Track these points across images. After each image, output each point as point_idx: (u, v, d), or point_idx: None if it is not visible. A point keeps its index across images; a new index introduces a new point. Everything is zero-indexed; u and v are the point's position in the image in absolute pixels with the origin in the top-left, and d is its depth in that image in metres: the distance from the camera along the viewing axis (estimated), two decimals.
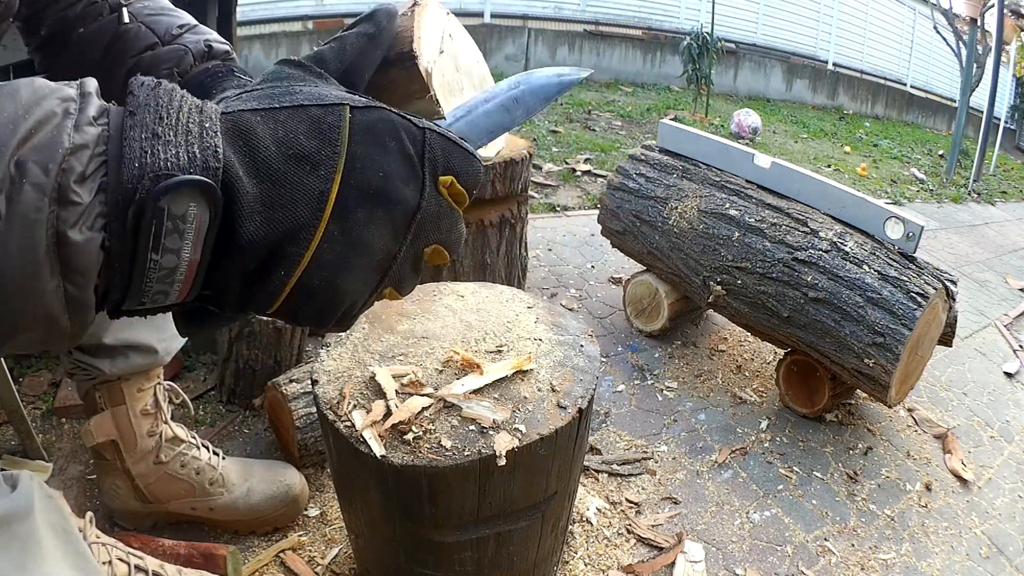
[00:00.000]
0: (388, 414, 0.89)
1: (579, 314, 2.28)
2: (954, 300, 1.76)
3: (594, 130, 5.02)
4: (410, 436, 0.86)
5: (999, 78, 6.66)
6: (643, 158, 2.15)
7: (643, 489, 1.55)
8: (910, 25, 9.42)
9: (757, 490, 1.60)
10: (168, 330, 1.14)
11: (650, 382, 1.97)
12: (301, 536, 1.28)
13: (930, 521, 1.59)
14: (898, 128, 8.52)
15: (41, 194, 0.29)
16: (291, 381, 1.40)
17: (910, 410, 2.02)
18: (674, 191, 2.01)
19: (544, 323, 1.11)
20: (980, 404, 2.16)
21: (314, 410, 1.32)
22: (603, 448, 1.66)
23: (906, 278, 1.62)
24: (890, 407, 1.80)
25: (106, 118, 0.32)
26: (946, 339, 1.86)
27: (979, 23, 6.54)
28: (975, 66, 6.51)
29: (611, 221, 2.18)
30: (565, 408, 0.93)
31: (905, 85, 9.54)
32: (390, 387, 0.92)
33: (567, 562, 1.31)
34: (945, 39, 7.65)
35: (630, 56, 7.73)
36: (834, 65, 8.96)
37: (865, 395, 1.93)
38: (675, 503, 1.52)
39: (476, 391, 0.94)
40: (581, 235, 2.94)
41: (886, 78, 9.35)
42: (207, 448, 1.26)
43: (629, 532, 1.41)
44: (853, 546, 1.48)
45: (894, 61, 9.46)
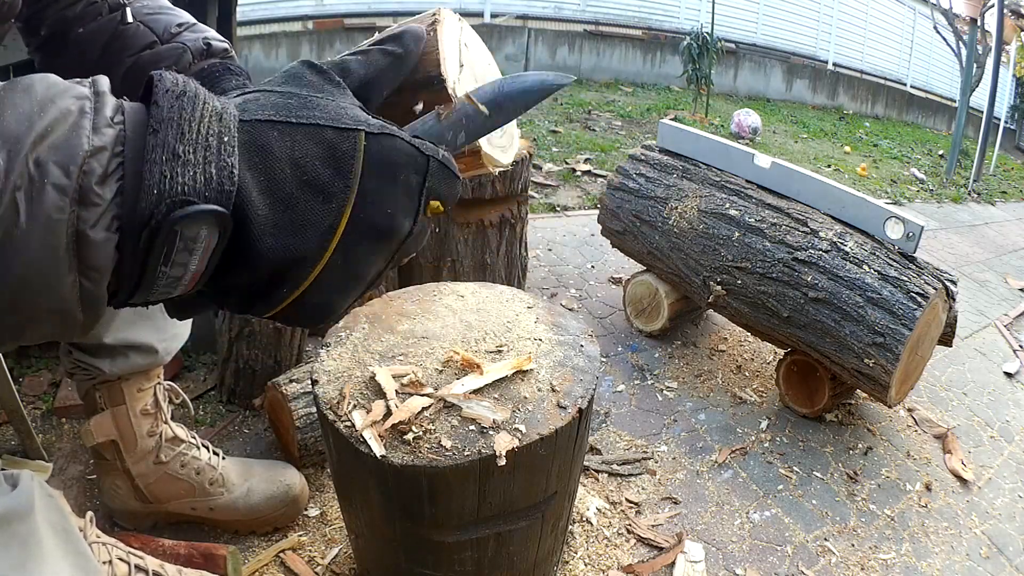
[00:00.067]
0: (388, 414, 0.89)
1: (579, 314, 2.28)
2: (954, 300, 1.76)
3: (594, 130, 5.02)
4: (410, 436, 0.86)
5: (999, 78, 6.66)
6: (643, 158, 2.15)
7: (643, 489, 1.55)
8: (910, 25, 9.42)
9: (757, 490, 1.60)
10: (168, 330, 1.14)
11: (650, 382, 1.97)
12: (301, 536, 1.28)
13: (930, 521, 1.59)
14: (898, 128, 8.52)
15: (63, 195, 0.30)
16: (291, 381, 1.40)
17: (910, 410, 2.02)
18: (674, 191, 2.01)
19: (544, 323, 1.11)
20: (980, 404, 2.16)
21: (314, 410, 1.32)
22: (603, 448, 1.66)
23: (906, 278, 1.62)
24: (890, 407, 1.80)
25: (122, 116, 0.33)
26: (946, 339, 1.86)
27: (979, 23, 6.54)
28: (975, 66, 6.51)
29: (611, 221, 2.18)
30: (565, 408, 0.93)
31: (905, 85, 9.54)
32: (390, 387, 0.92)
33: (567, 562, 1.31)
34: (945, 39, 7.65)
35: (630, 56, 7.73)
36: (834, 65, 8.96)
37: (865, 395, 1.93)
38: (675, 503, 1.52)
39: (476, 391, 0.94)
40: (581, 235, 2.94)
41: (886, 78, 9.35)
42: (207, 448, 1.26)
43: (629, 532, 1.41)
44: (853, 546, 1.48)
45: (894, 61, 9.46)
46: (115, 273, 0.34)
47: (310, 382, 1.00)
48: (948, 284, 1.70)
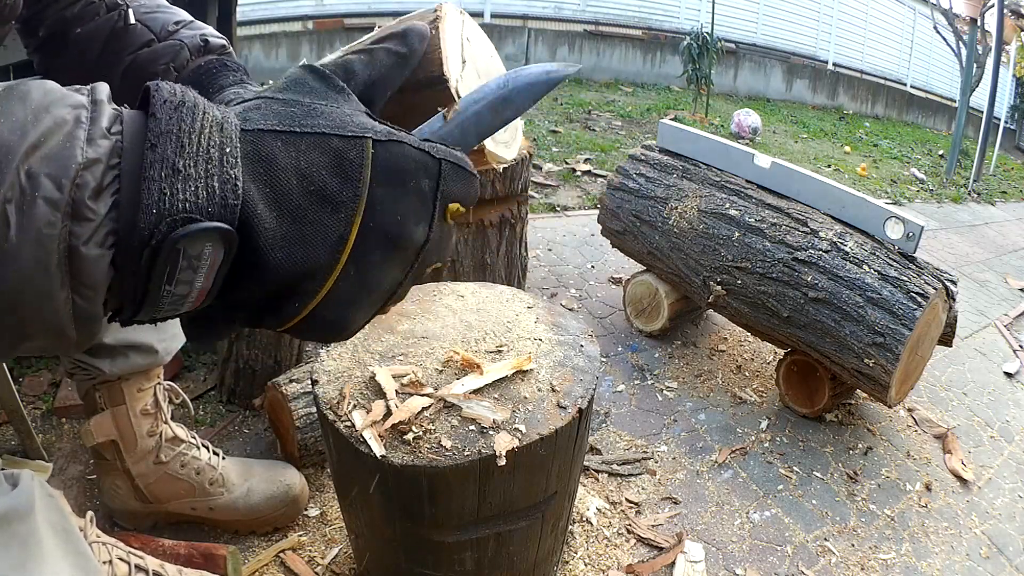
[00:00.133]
0: (388, 414, 0.89)
1: (579, 314, 2.28)
2: (954, 300, 1.76)
3: (594, 130, 5.02)
4: (410, 436, 0.87)
5: (999, 78, 6.66)
6: (643, 158, 2.15)
7: (643, 489, 1.55)
8: (910, 25, 9.42)
9: (757, 490, 1.60)
10: (168, 330, 1.14)
11: (650, 382, 1.97)
12: (301, 536, 1.28)
13: (930, 521, 1.59)
14: (898, 128, 8.52)
15: (55, 209, 0.29)
16: (291, 381, 1.40)
17: (910, 410, 2.02)
18: (674, 191, 2.01)
19: (544, 323, 1.11)
20: (980, 404, 2.16)
21: (314, 410, 1.32)
22: (603, 448, 1.66)
23: (906, 278, 1.62)
24: (890, 407, 1.80)
25: (119, 126, 0.32)
26: (946, 339, 1.86)
27: (979, 23, 6.54)
28: (975, 66, 6.52)
29: (611, 221, 2.18)
30: (565, 408, 0.93)
31: (905, 85, 9.54)
32: (390, 387, 0.92)
33: (567, 562, 1.31)
34: (945, 39, 7.65)
35: (630, 56, 7.73)
36: (834, 65, 8.96)
37: (865, 395, 1.93)
38: (675, 503, 1.52)
39: (476, 391, 0.94)
40: (581, 235, 2.94)
41: (886, 78, 9.35)
42: (207, 448, 1.26)
43: (629, 532, 1.41)
44: (853, 546, 1.48)
45: (894, 61, 9.46)
46: (118, 291, 0.33)
47: (310, 382, 1.00)
48: (948, 284, 1.70)
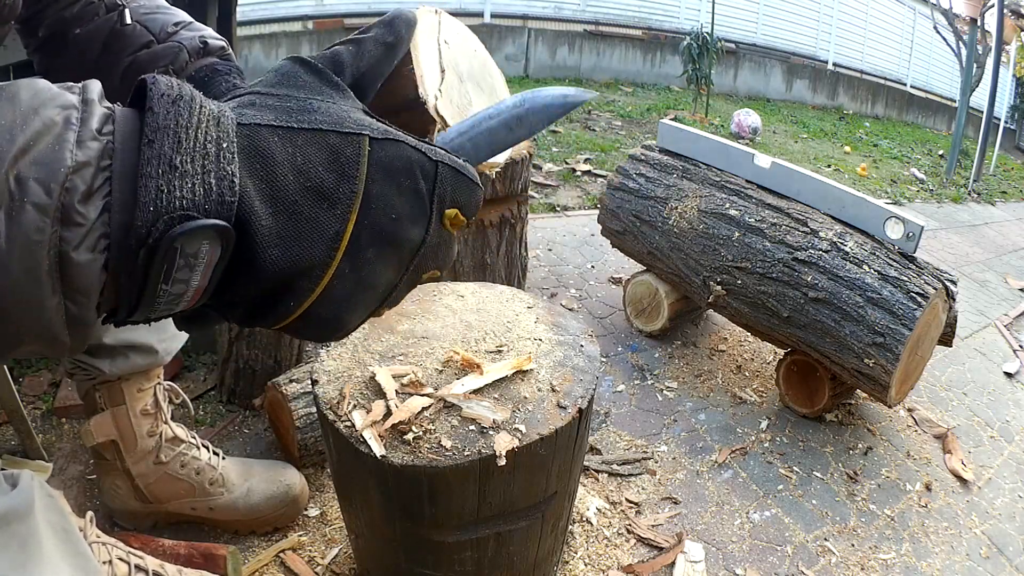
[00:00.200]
0: (388, 414, 0.89)
1: (579, 314, 2.28)
2: (954, 300, 1.76)
3: (594, 130, 5.02)
4: (410, 436, 0.86)
5: (999, 78, 6.66)
6: (643, 158, 2.15)
7: (643, 489, 1.55)
8: (910, 25, 9.42)
9: (757, 490, 1.60)
10: (168, 330, 1.14)
11: (650, 382, 1.97)
12: (301, 536, 1.28)
13: (930, 521, 1.59)
14: (898, 128, 8.52)
15: (44, 215, 0.28)
16: (291, 381, 1.40)
17: (910, 410, 2.02)
18: (674, 191, 2.01)
19: (544, 323, 1.11)
20: (980, 404, 2.16)
21: (314, 410, 1.32)
22: (603, 448, 1.66)
23: (906, 278, 1.62)
24: (890, 407, 1.80)
25: (111, 126, 0.31)
26: (946, 339, 1.86)
27: (979, 23, 6.54)
28: (975, 66, 6.51)
29: (611, 221, 2.18)
30: (565, 408, 0.93)
31: (905, 85, 9.54)
32: (390, 387, 0.92)
33: (567, 562, 1.31)
34: (945, 39, 7.65)
35: (630, 56, 7.73)
36: (834, 65, 8.97)
37: (865, 395, 1.93)
38: (675, 503, 1.52)
39: (476, 391, 0.94)
40: (581, 235, 2.94)
41: (886, 78, 9.35)
42: (207, 448, 1.26)
43: (629, 532, 1.41)
44: (853, 546, 1.48)
45: (894, 61, 9.46)
46: (113, 292, 0.32)
47: (310, 382, 1.00)
48: (948, 284, 1.70)
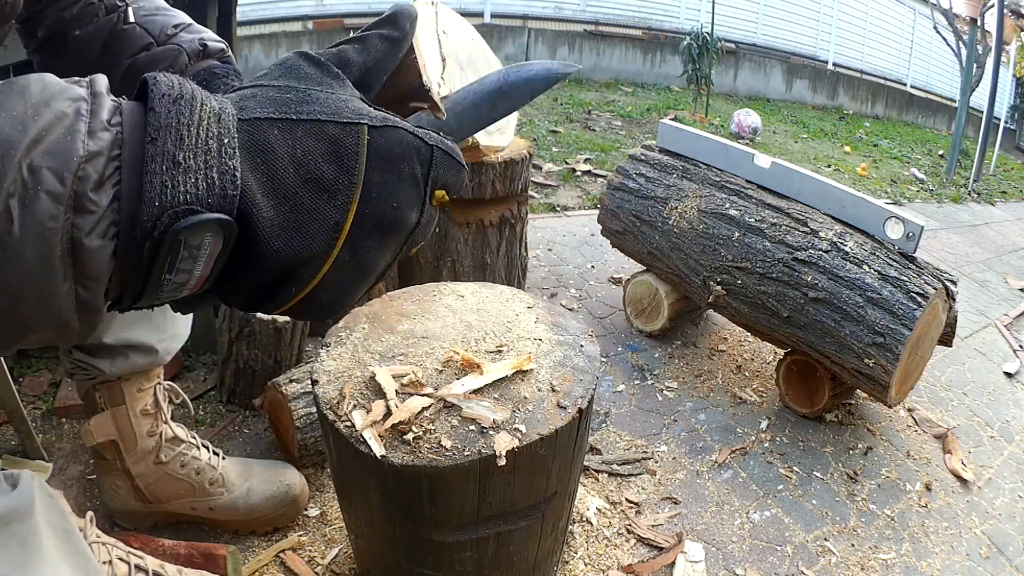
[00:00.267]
0: (388, 414, 0.89)
1: (579, 314, 2.28)
2: (954, 300, 1.76)
3: (594, 130, 5.02)
4: (410, 436, 0.86)
5: (999, 78, 6.66)
6: (643, 158, 2.15)
7: (643, 489, 1.55)
8: (910, 25, 9.42)
9: (757, 490, 1.60)
10: (168, 330, 1.14)
11: (650, 382, 1.97)
12: (301, 536, 1.28)
13: (930, 521, 1.59)
14: (898, 128, 8.52)
15: (57, 202, 0.29)
16: (291, 381, 1.40)
17: (910, 410, 2.02)
18: (674, 191, 2.01)
19: (544, 323, 1.11)
20: (980, 404, 2.16)
21: (314, 410, 1.32)
22: (603, 448, 1.66)
23: (906, 278, 1.62)
24: (890, 407, 1.80)
25: (119, 117, 0.32)
26: (946, 339, 1.85)
27: (979, 23, 6.54)
28: (975, 66, 6.51)
29: (611, 221, 2.18)
30: (565, 408, 0.93)
31: (905, 85, 9.54)
32: (390, 387, 0.92)
33: (567, 562, 1.31)
34: (945, 39, 7.65)
35: (630, 56, 7.73)
36: (834, 65, 8.96)
37: (865, 395, 1.93)
38: (675, 503, 1.52)
39: (476, 391, 0.94)
40: (581, 235, 2.94)
41: (886, 78, 9.35)
42: (207, 448, 1.26)
43: (629, 532, 1.41)
44: (853, 546, 1.48)
45: (894, 61, 9.46)
46: (118, 280, 0.33)
47: (310, 382, 1.00)
48: (948, 284, 1.70)
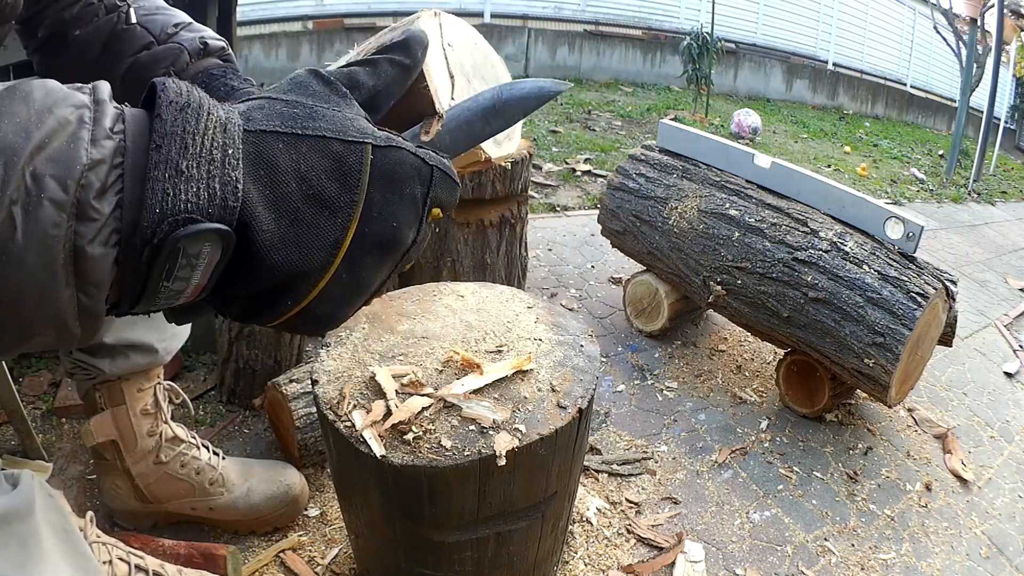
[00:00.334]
0: (388, 414, 0.89)
1: (579, 314, 2.28)
2: (954, 300, 1.76)
3: (594, 130, 5.02)
4: (410, 436, 0.86)
5: (999, 78, 6.66)
6: (643, 158, 2.15)
7: (643, 489, 1.55)
8: (910, 25, 9.42)
9: (757, 490, 1.60)
10: (168, 330, 1.14)
11: (650, 382, 1.97)
12: (301, 536, 1.28)
13: (930, 521, 1.59)
14: (898, 128, 8.52)
15: (60, 210, 0.29)
16: (291, 381, 1.40)
17: (910, 410, 2.02)
18: (674, 191, 2.01)
19: (544, 323, 1.11)
20: (980, 404, 2.16)
21: (314, 410, 1.32)
22: (603, 448, 1.66)
23: (906, 278, 1.62)
24: (890, 407, 1.80)
25: (122, 124, 0.32)
26: (946, 339, 1.86)
27: (979, 23, 6.54)
28: (975, 66, 6.51)
29: (611, 221, 2.18)
30: (565, 408, 0.93)
31: (905, 85, 9.54)
32: (390, 387, 0.92)
33: (567, 562, 1.31)
34: (945, 39, 7.64)
35: (630, 56, 7.73)
36: (834, 65, 8.96)
37: (865, 395, 1.93)
38: (675, 503, 1.52)
39: (476, 391, 0.94)
40: (581, 235, 2.94)
41: (886, 78, 9.35)
42: (207, 448, 1.26)
43: (629, 532, 1.41)
44: (853, 546, 1.48)
45: (894, 61, 9.46)
46: (117, 285, 0.33)
47: (310, 382, 1.00)
48: (948, 284, 1.70)
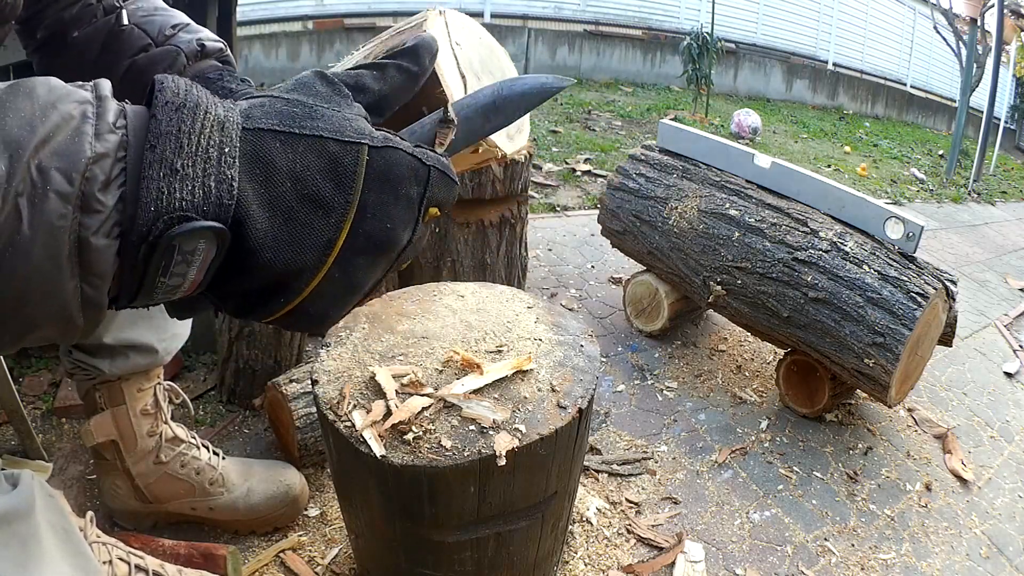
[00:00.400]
0: (388, 414, 0.89)
1: (579, 314, 2.28)
2: (954, 300, 1.76)
3: (594, 130, 5.02)
4: (410, 436, 0.86)
5: (999, 78, 6.66)
6: (643, 158, 2.15)
7: (643, 489, 1.55)
8: (910, 25, 9.42)
9: (757, 490, 1.60)
10: (168, 330, 1.14)
11: (650, 382, 1.97)
12: (301, 536, 1.28)
13: (930, 521, 1.59)
14: (898, 128, 8.52)
15: (66, 202, 0.30)
16: (291, 381, 1.40)
17: (910, 410, 2.02)
18: (674, 191, 2.01)
19: (544, 323, 1.11)
20: (980, 404, 2.16)
21: (314, 410, 1.32)
22: (603, 448, 1.66)
23: (906, 278, 1.62)
24: (890, 407, 1.80)
25: (124, 120, 0.33)
26: (946, 339, 1.86)
27: (979, 23, 6.54)
28: (975, 66, 6.51)
29: (611, 221, 2.18)
30: (565, 408, 0.93)
31: (905, 85, 9.54)
32: (390, 387, 0.92)
33: (567, 562, 1.31)
34: (945, 39, 7.64)
35: (630, 56, 7.73)
36: (834, 65, 8.96)
37: (865, 395, 1.93)
38: (675, 503, 1.52)
39: (476, 391, 0.94)
40: (581, 235, 2.94)
41: (886, 78, 9.35)
42: (207, 448, 1.26)
43: (629, 532, 1.41)
44: (853, 546, 1.48)
45: (894, 61, 9.46)
46: (117, 279, 0.34)
47: (310, 382, 1.00)
48: (948, 284, 1.70)
